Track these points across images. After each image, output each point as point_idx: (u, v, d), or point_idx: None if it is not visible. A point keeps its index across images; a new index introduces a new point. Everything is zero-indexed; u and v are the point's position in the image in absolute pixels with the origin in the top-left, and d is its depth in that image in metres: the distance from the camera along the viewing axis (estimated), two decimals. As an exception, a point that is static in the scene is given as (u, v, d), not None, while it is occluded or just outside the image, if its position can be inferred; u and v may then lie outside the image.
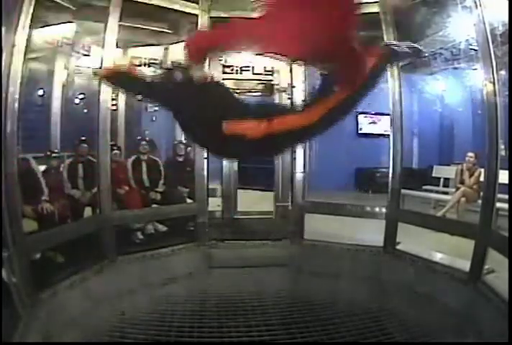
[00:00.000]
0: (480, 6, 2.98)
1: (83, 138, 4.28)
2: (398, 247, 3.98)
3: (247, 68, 4.70)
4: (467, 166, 5.28)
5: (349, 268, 4.06)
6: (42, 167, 4.02)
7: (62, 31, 3.83)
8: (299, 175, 4.52)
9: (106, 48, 3.68)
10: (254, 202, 6.07)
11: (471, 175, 5.21)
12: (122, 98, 5.65)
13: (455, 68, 4.45)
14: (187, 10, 4.27)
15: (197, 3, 4.29)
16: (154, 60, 4.73)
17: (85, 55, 3.81)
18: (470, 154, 5.28)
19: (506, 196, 3.36)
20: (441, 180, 6.81)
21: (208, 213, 4.48)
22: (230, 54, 4.98)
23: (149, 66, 4.70)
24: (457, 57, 3.62)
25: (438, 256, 3.70)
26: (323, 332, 3.09)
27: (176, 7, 4.20)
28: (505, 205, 3.35)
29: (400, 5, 3.92)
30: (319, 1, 1.31)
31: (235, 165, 5.02)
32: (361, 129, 8.94)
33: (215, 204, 4.79)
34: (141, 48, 5.46)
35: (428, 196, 6.46)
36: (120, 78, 1.88)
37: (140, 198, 4.46)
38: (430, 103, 7.95)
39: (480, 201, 3.48)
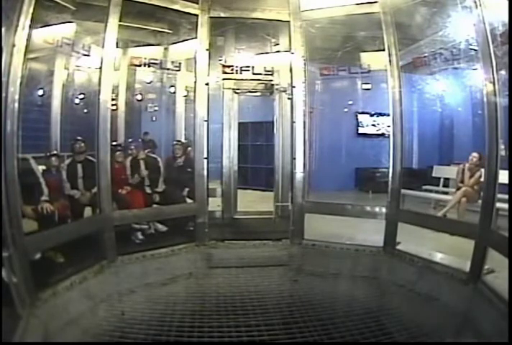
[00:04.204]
0: (480, 6, 2.99)
1: (79, 138, 4.29)
2: (398, 247, 3.98)
3: (247, 68, 4.70)
4: (469, 166, 5.26)
5: (349, 268, 4.06)
6: (42, 167, 4.02)
7: (62, 31, 3.83)
8: (299, 175, 4.52)
9: (106, 48, 3.69)
10: (254, 202, 6.08)
11: (471, 176, 5.20)
12: (122, 98, 5.66)
13: (455, 68, 4.45)
14: (187, 10, 4.28)
15: (197, 3, 4.29)
16: (155, 60, 4.73)
17: (85, 55, 3.80)
18: (475, 154, 5.21)
19: (506, 196, 3.35)
20: (441, 180, 6.82)
21: (208, 213, 4.48)
22: (230, 55, 5.00)
23: (149, 66, 4.69)
24: (457, 57, 3.61)
25: (438, 256, 3.70)
26: (323, 332, 3.08)
27: (176, 7, 4.20)
28: (505, 205, 3.34)
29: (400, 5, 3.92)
30: None
31: (235, 165, 5.02)
32: (360, 129, 8.96)
33: (215, 204, 4.79)
34: (141, 48, 5.47)
35: (428, 196, 6.46)
36: None
37: (142, 198, 4.47)
38: (430, 103, 7.95)
39: (480, 201, 3.47)
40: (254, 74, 4.75)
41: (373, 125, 8.96)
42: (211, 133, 4.49)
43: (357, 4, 4.17)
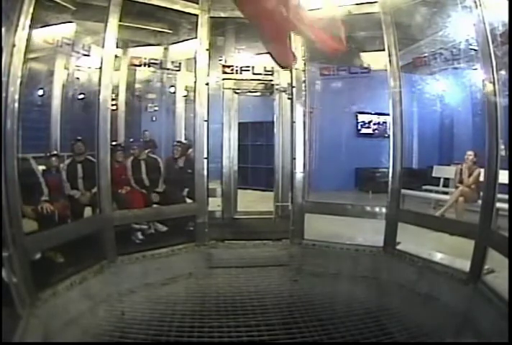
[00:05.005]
0: (480, 6, 2.99)
1: (79, 138, 4.29)
2: (398, 247, 3.98)
3: (247, 68, 4.70)
4: (467, 165, 5.28)
5: (349, 268, 4.06)
6: (42, 167, 4.02)
7: (62, 31, 3.84)
8: (299, 175, 4.52)
9: (106, 48, 3.69)
10: (254, 202, 6.08)
11: (470, 175, 5.21)
12: (122, 98, 5.66)
13: (455, 68, 4.46)
14: (187, 10, 4.27)
15: (197, 3, 4.29)
16: (155, 60, 4.73)
17: (85, 55, 3.81)
18: (469, 152, 5.28)
19: (506, 196, 3.35)
20: (441, 180, 6.82)
21: (208, 213, 4.48)
22: (230, 55, 5.00)
23: (149, 66, 4.70)
24: (457, 57, 3.61)
25: (438, 256, 3.70)
26: (323, 332, 3.08)
27: (176, 7, 4.20)
28: (505, 205, 3.34)
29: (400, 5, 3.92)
30: None
31: (235, 165, 5.03)
32: (361, 129, 8.97)
33: (215, 204, 4.79)
34: (141, 48, 5.47)
35: (428, 196, 6.46)
36: None
37: (142, 198, 4.47)
38: (430, 103, 7.95)
39: (480, 201, 3.47)
40: (254, 74, 4.75)
41: (374, 124, 8.97)
42: (211, 133, 4.49)
43: (357, 4, 4.17)
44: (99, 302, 3.37)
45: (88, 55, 3.81)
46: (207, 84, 4.40)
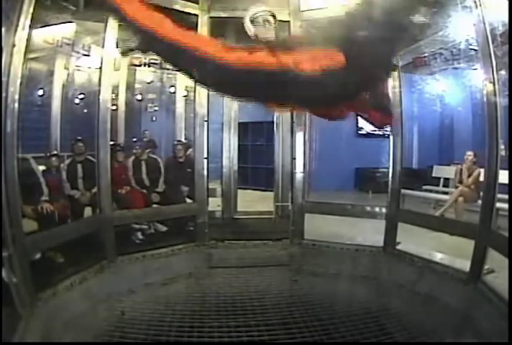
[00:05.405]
0: (480, 6, 2.98)
1: (79, 138, 4.30)
2: (398, 247, 3.98)
3: (247, 68, 4.68)
4: (467, 165, 5.28)
5: (349, 268, 4.06)
6: (42, 167, 4.02)
7: (62, 31, 3.84)
8: (299, 175, 4.52)
9: (106, 48, 3.69)
10: (254, 201, 6.08)
11: (470, 175, 5.21)
12: (122, 98, 5.67)
13: (455, 68, 4.46)
14: (187, 10, 4.26)
15: (197, 3, 4.28)
16: (155, 60, 4.73)
17: (85, 55, 3.81)
18: (469, 152, 5.28)
19: (506, 196, 3.36)
20: (441, 180, 6.82)
21: (208, 213, 4.48)
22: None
23: (149, 66, 4.70)
24: (457, 57, 3.62)
25: (438, 256, 3.70)
26: (323, 332, 3.08)
27: (176, 7, 4.19)
28: (505, 205, 3.34)
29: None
30: None
31: (235, 165, 5.02)
32: (361, 129, 8.96)
33: (215, 204, 4.79)
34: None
35: (428, 196, 6.46)
36: None
37: (142, 198, 4.47)
38: (430, 103, 7.95)
39: (479, 201, 3.47)
40: (254, 74, 4.73)
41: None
42: (211, 133, 4.49)
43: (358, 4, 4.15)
44: (99, 302, 3.36)
45: (88, 55, 3.81)
46: (207, 84, 4.38)
